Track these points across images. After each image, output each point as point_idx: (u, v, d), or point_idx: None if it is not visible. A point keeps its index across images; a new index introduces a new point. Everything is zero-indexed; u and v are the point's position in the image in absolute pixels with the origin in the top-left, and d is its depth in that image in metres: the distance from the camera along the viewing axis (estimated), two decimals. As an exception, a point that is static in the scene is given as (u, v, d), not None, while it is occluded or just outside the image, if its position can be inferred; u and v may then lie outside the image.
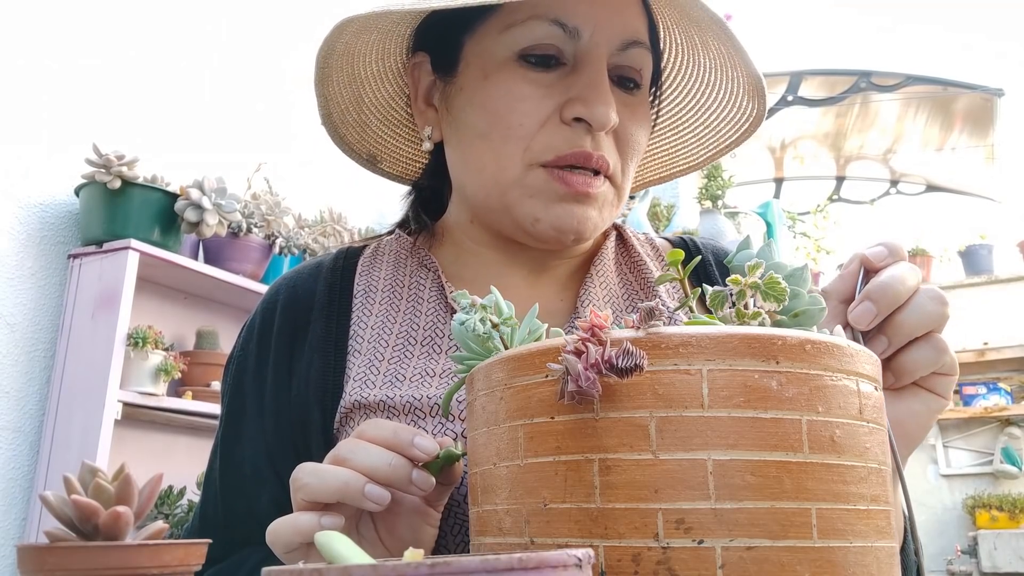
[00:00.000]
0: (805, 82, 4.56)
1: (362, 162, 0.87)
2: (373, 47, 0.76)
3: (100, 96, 2.34)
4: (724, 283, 0.46)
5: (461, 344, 0.50)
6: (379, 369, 0.70)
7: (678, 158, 0.88)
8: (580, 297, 0.76)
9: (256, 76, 2.85)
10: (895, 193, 5.48)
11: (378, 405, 0.67)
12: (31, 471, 2.10)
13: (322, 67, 0.75)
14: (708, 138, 0.84)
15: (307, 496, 0.51)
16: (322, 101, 0.79)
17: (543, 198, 0.69)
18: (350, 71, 0.78)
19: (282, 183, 2.62)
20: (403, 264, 0.80)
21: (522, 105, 0.68)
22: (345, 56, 0.75)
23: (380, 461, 0.50)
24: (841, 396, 0.39)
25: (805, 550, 0.36)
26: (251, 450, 0.74)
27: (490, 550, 0.42)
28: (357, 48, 0.75)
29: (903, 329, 0.53)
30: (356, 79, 0.79)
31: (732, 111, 0.80)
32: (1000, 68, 4.64)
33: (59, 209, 2.23)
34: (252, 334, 0.78)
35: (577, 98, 0.67)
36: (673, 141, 0.86)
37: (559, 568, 0.27)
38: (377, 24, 0.73)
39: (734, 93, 0.77)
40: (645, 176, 0.91)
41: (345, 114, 0.82)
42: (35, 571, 0.37)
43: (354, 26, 0.71)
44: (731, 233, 2.85)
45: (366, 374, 0.70)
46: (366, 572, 0.26)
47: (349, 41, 0.73)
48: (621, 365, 0.36)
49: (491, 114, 0.69)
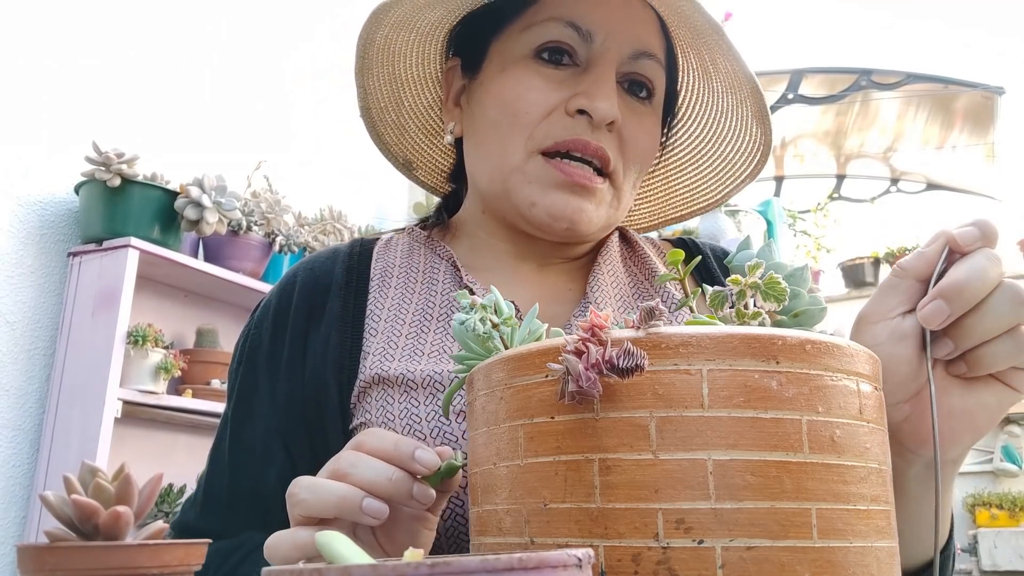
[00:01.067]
0: (805, 80, 4.55)
1: (399, 166, 0.90)
2: (413, 48, 0.80)
3: (100, 95, 2.34)
4: (725, 281, 0.46)
5: (461, 344, 0.50)
6: (397, 344, 0.72)
7: (697, 196, 0.90)
8: (589, 284, 0.77)
9: (256, 75, 2.85)
10: (895, 191, 5.47)
11: (397, 379, 0.68)
12: (31, 470, 2.10)
13: (362, 56, 0.79)
14: (725, 172, 0.86)
15: (304, 512, 0.50)
16: (361, 92, 0.82)
17: (540, 184, 0.71)
18: (390, 69, 0.81)
19: (282, 181, 2.62)
20: (416, 252, 0.82)
21: (531, 95, 0.71)
22: (385, 51, 0.79)
23: (381, 476, 0.49)
24: (841, 396, 0.38)
25: (805, 550, 0.36)
26: (262, 427, 0.74)
27: (490, 550, 0.42)
28: (397, 46, 0.79)
29: (972, 334, 0.49)
30: (396, 79, 0.82)
31: (745, 141, 0.82)
32: (1001, 65, 4.64)
33: (59, 207, 2.23)
34: (268, 313, 0.79)
35: (582, 93, 0.71)
36: (693, 177, 0.88)
37: (559, 568, 0.27)
38: (415, 22, 0.77)
39: (745, 120, 0.80)
40: (666, 213, 0.93)
41: (384, 112, 0.85)
42: (35, 571, 0.37)
43: (391, 18, 0.75)
44: (731, 232, 2.85)
45: (385, 349, 0.71)
46: (366, 572, 0.26)
47: (388, 35, 0.77)
48: (622, 365, 0.36)
49: (502, 103, 0.73)
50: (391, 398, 0.68)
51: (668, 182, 0.90)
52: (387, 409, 0.68)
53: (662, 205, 0.92)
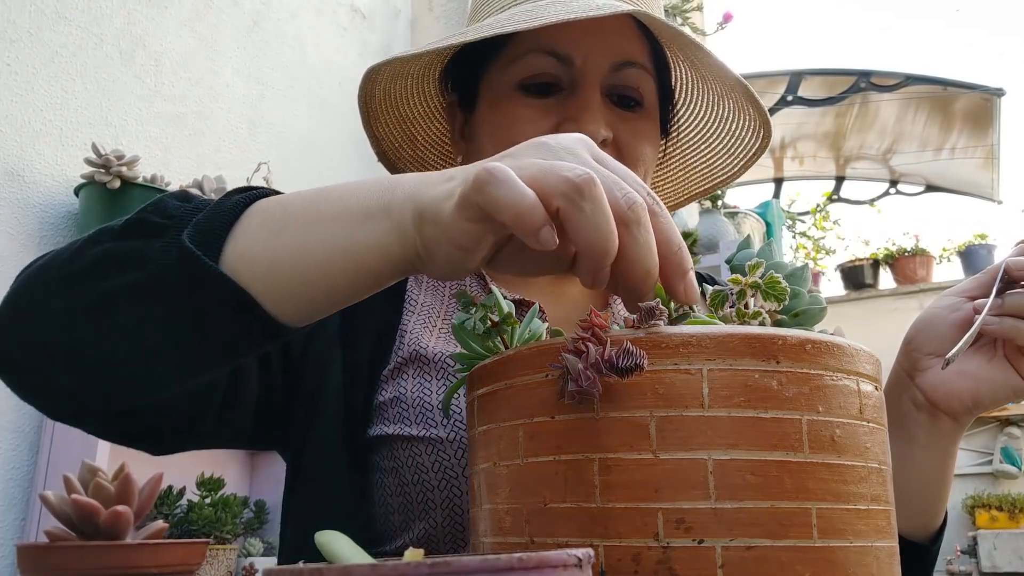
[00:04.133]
0: (805, 82, 4.55)
1: None
2: (413, 91, 0.83)
3: (100, 96, 2.34)
4: (726, 281, 0.46)
5: (461, 344, 0.50)
6: (435, 325, 0.74)
7: (716, 168, 0.91)
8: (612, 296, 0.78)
9: (256, 75, 2.85)
10: (895, 193, 5.48)
11: (435, 358, 0.69)
12: (31, 471, 2.09)
13: (366, 111, 0.82)
14: (735, 147, 0.87)
15: (484, 202, 0.42)
16: (373, 141, 0.85)
17: None
18: (396, 113, 0.84)
19: (282, 182, 2.62)
20: None
21: (520, 126, 0.72)
22: (387, 99, 0.82)
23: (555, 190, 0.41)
24: (841, 396, 0.38)
25: (805, 550, 0.36)
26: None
27: (490, 550, 0.42)
28: (397, 92, 0.82)
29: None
30: (404, 120, 0.85)
31: (744, 119, 0.83)
32: (1001, 66, 4.64)
33: (58, 209, 2.23)
34: None
35: (569, 118, 0.72)
36: (707, 153, 0.90)
37: (559, 568, 0.27)
38: (407, 71, 0.80)
39: (739, 101, 0.81)
40: (691, 189, 0.94)
41: (400, 151, 0.87)
42: (35, 570, 0.37)
43: (384, 74, 0.77)
44: (731, 233, 2.85)
45: (422, 329, 0.73)
46: (366, 572, 0.26)
47: (387, 87, 0.80)
48: (621, 365, 0.36)
49: (496, 138, 0.74)
50: (428, 375, 0.69)
51: (684, 161, 0.92)
52: (424, 386, 0.69)
53: (684, 182, 0.94)
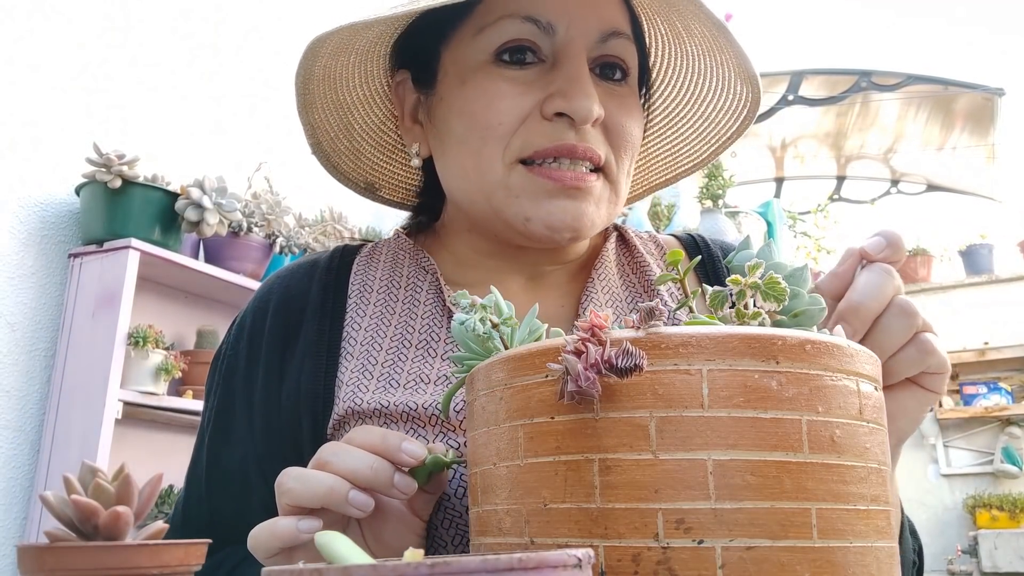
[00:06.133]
0: (806, 82, 4.56)
1: (360, 191, 0.86)
2: (354, 70, 0.75)
3: (100, 96, 2.34)
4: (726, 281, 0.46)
5: (461, 344, 0.50)
6: (372, 374, 0.69)
7: (680, 157, 0.86)
8: (582, 303, 0.74)
9: (257, 76, 2.85)
10: (895, 193, 5.48)
11: (373, 413, 0.66)
12: (31, 471, 2.10)
13: (303, 93, 0.74)
14: (708, 132, 0.82)
15: (291, 501, 0.51)
16: (309, 130, 0.77)
17: (529, 196, 0.67)
18: (334, 97, 0.76)
19: (282, 182, 2.62)
20: (400, 264, 0.78)
21: (500, 103, 0.66)
22: (326, 81, 0.74)
23: (362, 464, 0.50)
24: (841, 396, 0.38)
25: (805, 550, 0.36)
26: (240, 453, 0.73)
27: (490, 550, 0.42)
28: (337, 71, 0.74)
29: (877, 349, 0.49)
30: (342, 106, 0.77)
31: (727, 99, 0.78)
32: (1002, 65, 4.64)
33: (59, 208, 2.23)
34: (243, 334, 0.77)
35: (557, 93, 0.66)
36: (673, 140, 0.85)
37: (559, 568, 0.27)
38: (353, 44, 0.71)
39: (726, 79, 0.76)
40: (650, 180, 0.89)
41: (336, 142, 0.80)
42: (35, 571, 0.37)
43: (328, 47, 0.69)
44: (732, 233, 2.85)
45: (359, 379, 0.68)
46: (366, 572, 0.26)
47: (327, 64, 0.72)
48: (621, 365, 0.36)
49: (469, 117, 0.67)
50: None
51: (647, 148, 0.85)
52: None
53: (644, 172, 0.87)
